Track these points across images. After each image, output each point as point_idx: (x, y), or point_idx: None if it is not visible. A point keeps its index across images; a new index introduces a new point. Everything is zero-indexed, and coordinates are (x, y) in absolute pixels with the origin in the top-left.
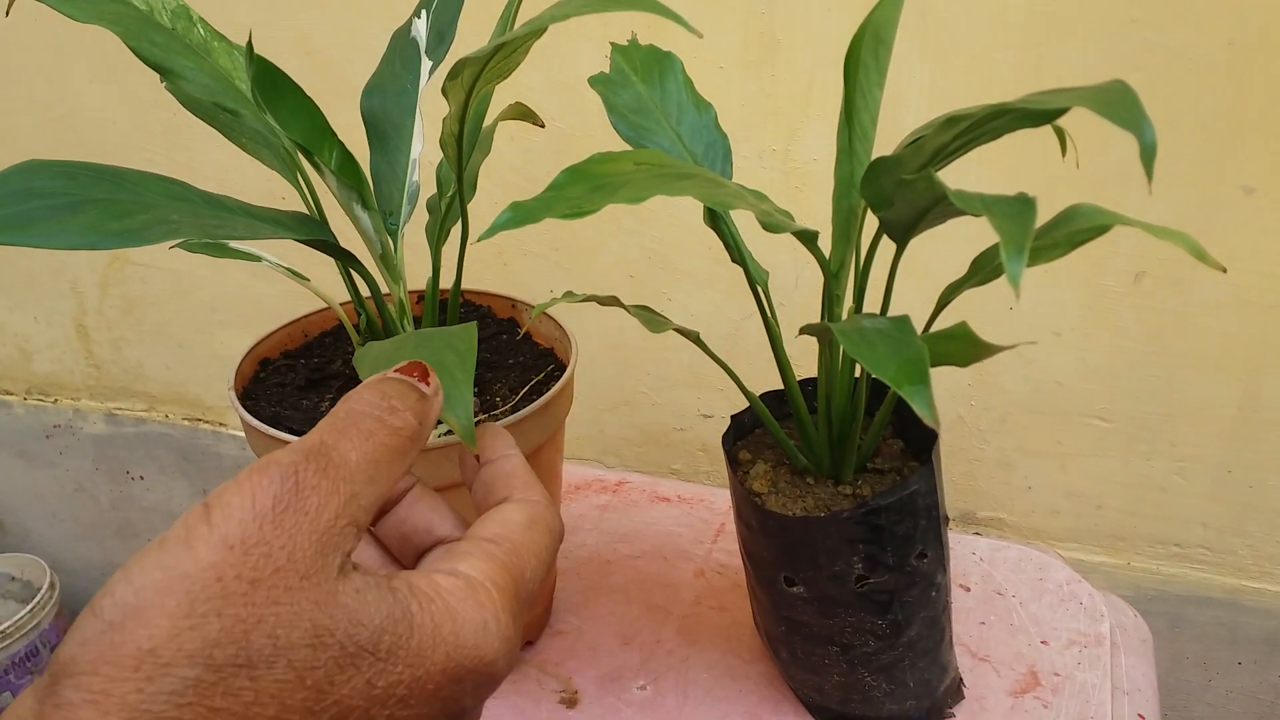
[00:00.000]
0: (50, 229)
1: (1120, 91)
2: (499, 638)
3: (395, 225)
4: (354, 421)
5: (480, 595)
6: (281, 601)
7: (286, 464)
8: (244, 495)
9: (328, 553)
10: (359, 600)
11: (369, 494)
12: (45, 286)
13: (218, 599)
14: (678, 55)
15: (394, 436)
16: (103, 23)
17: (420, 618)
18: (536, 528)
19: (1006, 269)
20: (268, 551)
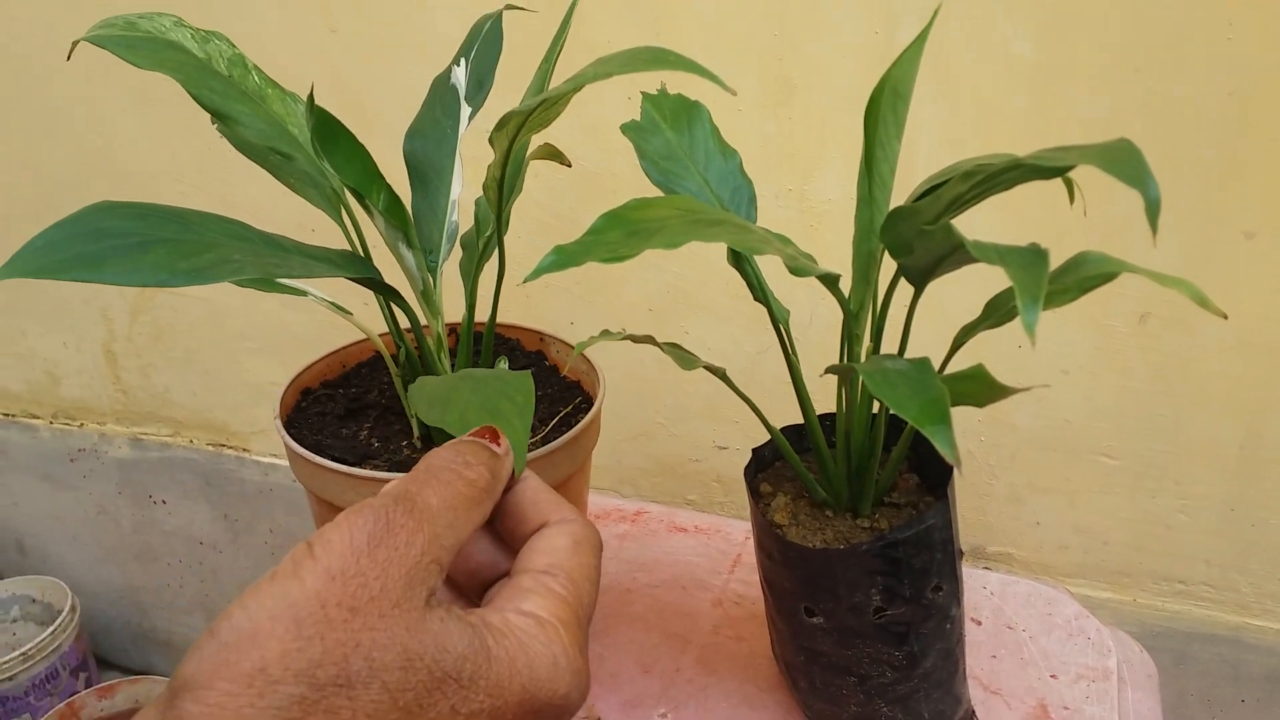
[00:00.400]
0: (122, 267)
1: (1126, 150)
2: (569, 671)
3: (435, 262)
4: (434, 473)
5: (549, 632)
6: (376, 627)
7: (378, 506)
8: (343, 532)
9: (415, 585)
10: (444, 629)
11: (449, 536)
12: (76, 313)
13: (321, 623)
14: (703, 102)
15: (469, 487)
16: (164, 70)
17: (496, 651)
18: (582, 549)
19: (1022, 317)
20: (364, 582)
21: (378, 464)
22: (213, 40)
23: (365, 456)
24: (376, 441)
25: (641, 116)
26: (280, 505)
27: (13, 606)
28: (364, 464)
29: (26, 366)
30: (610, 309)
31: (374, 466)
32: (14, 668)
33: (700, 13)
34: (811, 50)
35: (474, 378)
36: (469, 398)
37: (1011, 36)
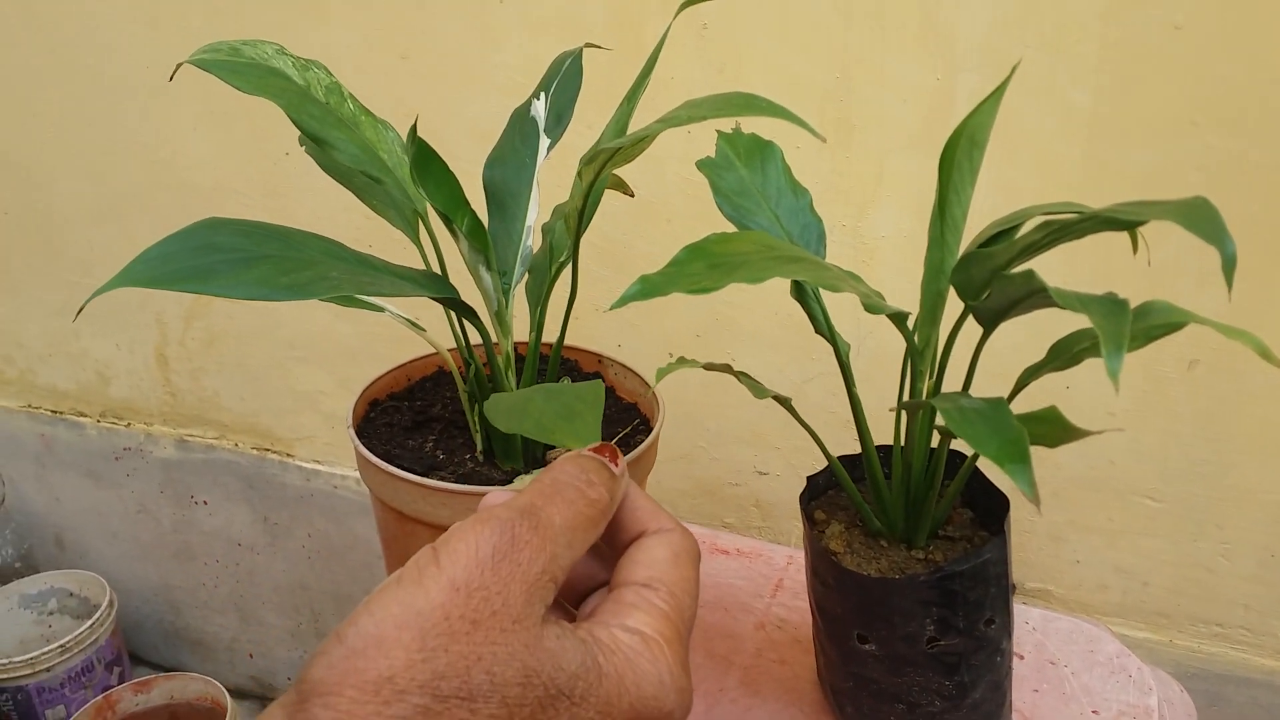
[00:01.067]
0: (229, 281)
1: (1204, 208)
2: (674, 689)
3: (509, 284)
4: (559, 489)
5: (654, 650)
6: (498, 642)
7: (505, 519)
8: (468, 542)
9: (534, 602)
10: (559, 646)
11: (566, 555)
12: (130, 317)
13: (445, 635)
14: (775, 141)
15: (590, 507)
16: (268, 95)
17: (606, 668)
18: (681, 561)
19: (1107, 364)
20: (487, 596)
21: (443, 475)
22: (312, 69)
23: (431, 468)
24: (442, 454)
25: (716, 154)
26: (319, 510)
27: (50, 599)
28: (430, 474)
29: (77, 366)
30: (658, 333)
31: (439, 478)
32: (51, 659)
33: (766, 54)
34: (872, 94)
35: (546, 389)
36: (543, 406)
37: (1070, 86)
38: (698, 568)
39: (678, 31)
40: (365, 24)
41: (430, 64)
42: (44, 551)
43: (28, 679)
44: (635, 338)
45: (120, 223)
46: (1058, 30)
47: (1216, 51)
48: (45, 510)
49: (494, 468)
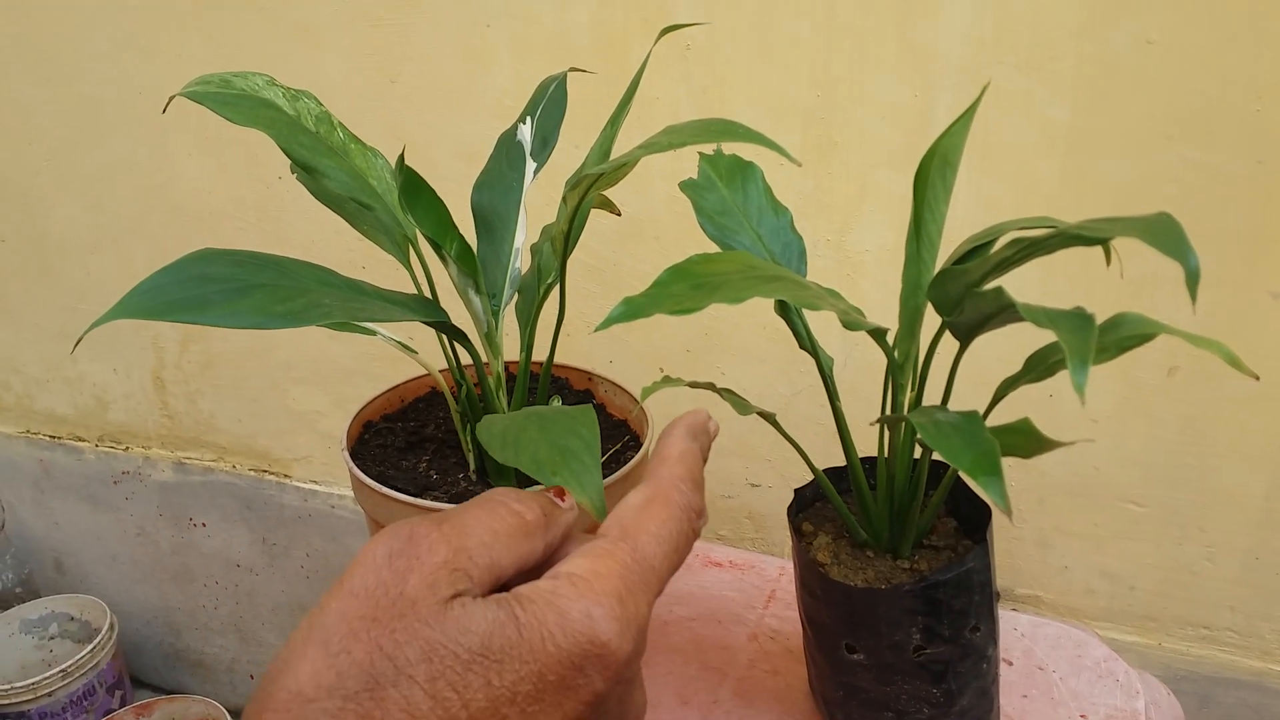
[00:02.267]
0: (223, 310)
1: (1167, 223)
2: (606, 619)
3: (498, 306)
4: (481, 501)
5: (580, 586)
6: (396, 629)
7: (404, 522)
8: (366, 551)
9: (437, 586)
10: (465, 613)
11: (482, 554)
12: (127, 340)
13: (346, 638)
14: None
15: (514, 516)
16: (258, 126)
17: (525, 618)
18: (653, 505)
19: (1072, 378)
20: (384, 591)
21: (437, 495)
22: (302, 98)
23: (425, 488)
24: (435, 474)
25: (699, 175)
26: (317, 531)
27: (51, 624)
28: (424, 495)
29: (75, 391)
30: (648, 349)
31: (433, 497)
32: (53, 684)
33: (749, 74)
34: (853, 111)
35: (540, 415)
36: (537, 437)
37: (1047, 102)
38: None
39: (662, 53)
40: (355, 49)
41: (419, 88)
42: (44, 576)
43: (29, 704)
44: (627, 354)
45: (117, 248)
46: (1034, 48)
47: (1189, 65)
48: (45, 535)
49: (487, 486)
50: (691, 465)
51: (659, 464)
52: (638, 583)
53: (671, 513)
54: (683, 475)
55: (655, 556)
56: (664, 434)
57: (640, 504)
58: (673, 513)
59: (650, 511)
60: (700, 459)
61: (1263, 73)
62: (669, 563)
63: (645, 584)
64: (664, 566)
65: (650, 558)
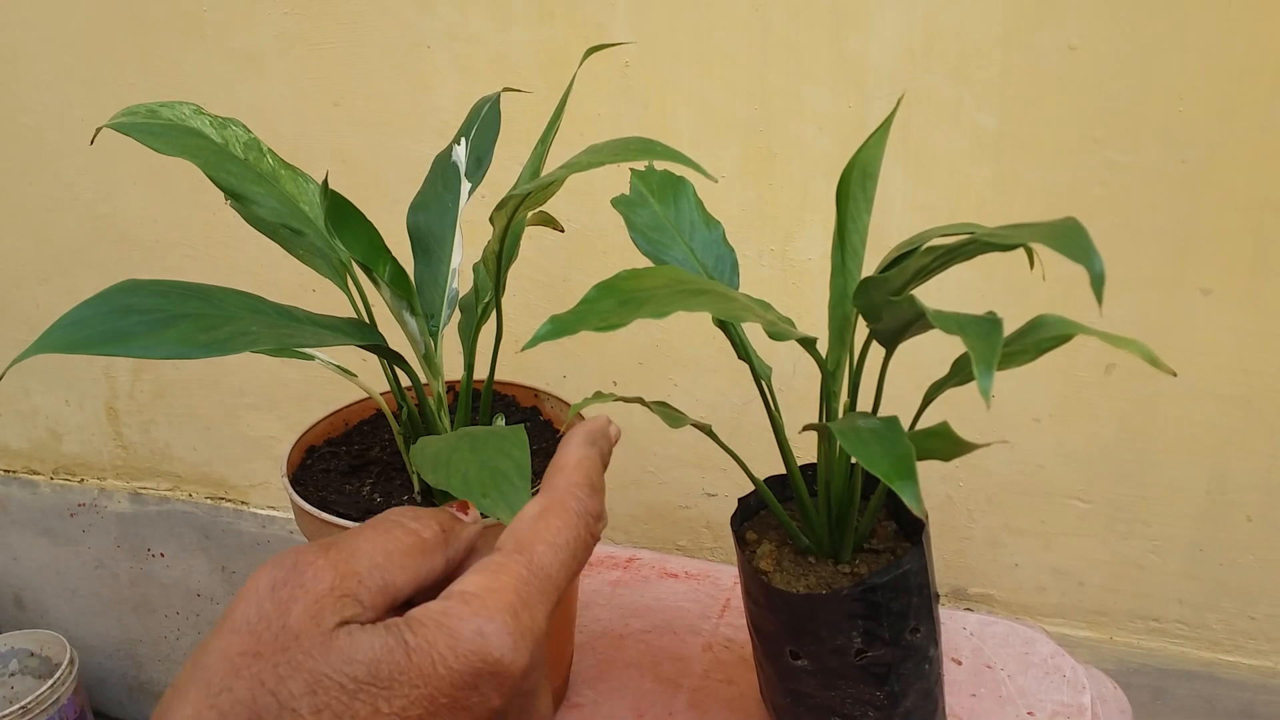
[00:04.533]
0: (147, 341)
1: (1072, 228)
2: (498, 635)
3: (436, 326)
4: (376, 522)
5: (473, 605)
6: (279, 662)
7: (289, 551)
8: (250, 584)
9: (322, 616)
10: (350, 642)
11: (374, 576)
12: (79, 371)
13: (229, 675)
14: (688, 177)
15: (410, 535)
16: (185, 155)
17: (415, 642)
18: (549, 514)
19: (978, 383)
20: (267, 624)
21: None
22: (230, 126)
23: (368, 511)
24: (379, 497)
25: (630, 191)
26: None
27: (11, 661)
28: (366, 519)
29: (28, 424)
30: (601, 363)
31: None
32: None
33: (688, 90)
34: (790, 123)
35: (472, 436)
36: (468, 457)
37: (976, 110)
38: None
39: (601, 70)
40: (297, 74)
41: (363, 110)
42: (4, 612)
43: None
44: (579, 368)
45: (65, 279)
46: (961, 57)
47: (1112, 70)
48: (3, 570)
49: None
50: (589, 470)
51: (555, 472)
52: (534, 594)
53: (567, 520)
54: (579, 482)
55: (552, 565)
56: (562, 442)
57: (536, 514)
58: (569, 520)
59: (546, 521)
60: (599, 463)
61: (1183, 74)
62: (566, 570)
63: (542, 594)
64: (561, 574)
65: (546, 567)
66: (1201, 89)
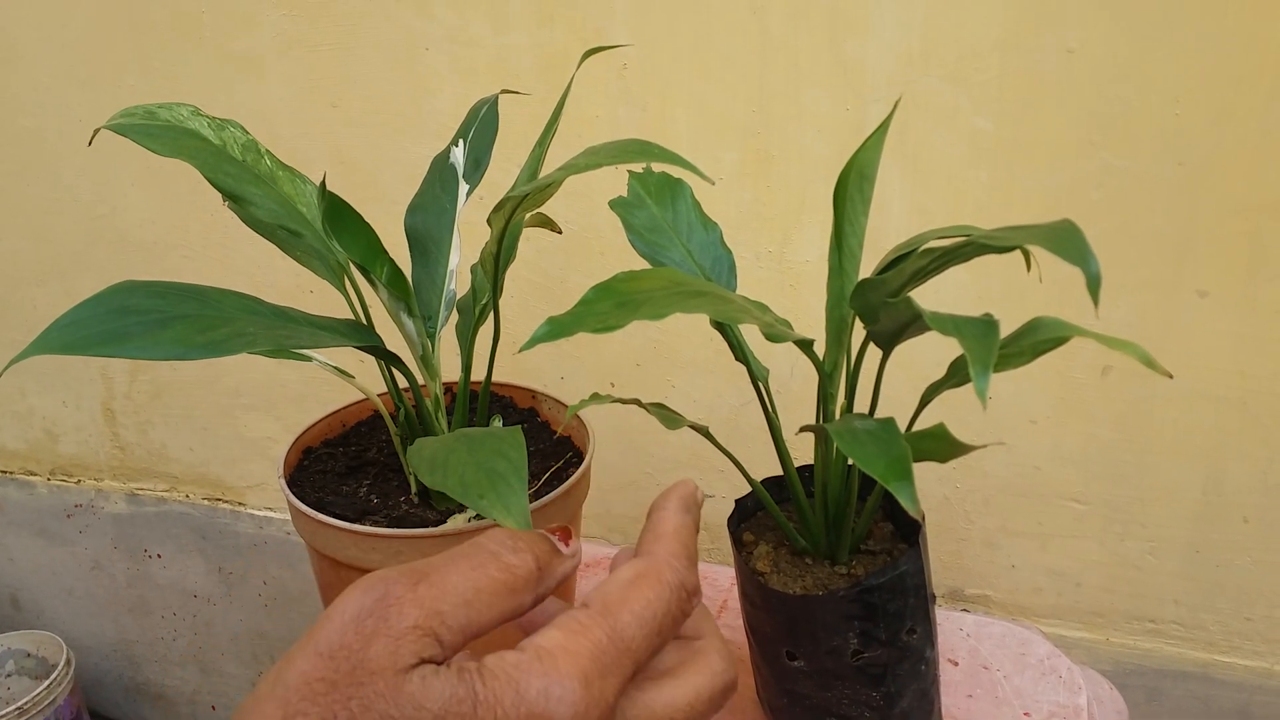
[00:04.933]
0: (144, 342)
1: (1068, 230)
2: (563, 702)
3: (434, 328)
4: (469, 553)
5: (546, 664)
6: (353, 696)
7: (381, 577)
8: (339, 607)
9: (400, 654)
10: (423, 687)
11: (459, 615)
12: (76, 372)
13: (306, 700)
14: (686, 179)
15: (504, 572)
16: (183, 157)
17: (484, 694)
18: (643, 582)
19: (974, 384)
20: (347, 655)
21: (377, 520)
22: (228, 128)
23: (365, 513)
24: (376, 498)
25: (628, 193)
26: (274, 558)
27: (7, 661)
28: (364, 520)
29: (25, 425)
30: (599, 364)
31: (373, 522)
32: None
33: (686, 92)
34: (789, 126)
35: (469, 438)
36: (465, 459)
37: (974, 113)
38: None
39: (599, 73)
40: (296, 76)
41: (362, 112)
42: (0, 613)
43: None
44: (577, 370)
45: (63, 281)
46: (959, 60)
47: (1109, 73)
48: (0, 571)
49: (429, 509)
50: (687, 540)
51: (653, 540)
52: (610, 664)
53: (660, 592)
54: (677, 552)
55: (635, 638)
56: (656, 507)
57: (629, 579)
58: (661, 592)
59: (638, 588)
60: (694, 532)
61: (1181, 78)
62: (649, 644)
63: (619, 665)
64: (643, 647)
65: (629, 639)
66: (1199, 93)
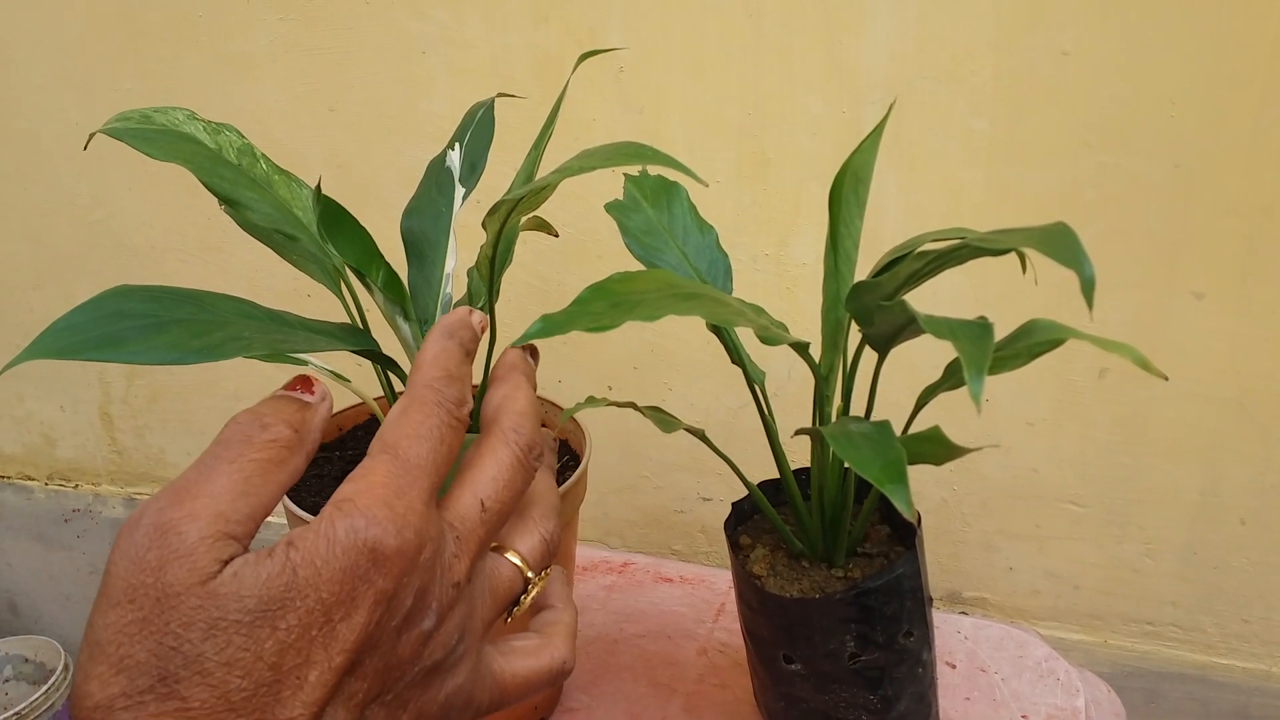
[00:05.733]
0: (139, 347)
1: (1062, 233)
2: (370, 526)
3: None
4: (220, 451)
5: (345, 508)
6: (170, 620)
7: (140, 512)
8: (115, 557)
9: (198, 567)
10: (236, 582)
11: (240, 506)
12: (73, 376)
13: (124, 645)
14: (681, 182)
15: (264, 450)
16: (178, 161)
17: (297, 558)
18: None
19: (969, 388)
20: (146, 591)
21: None
22: (224, 132)
23: None
24: None
25: (624, 196)
26: None
27: (5, 667)
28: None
29: (23, 429)
30: (596, 367)
31: None
32: None
33: (682, 95)
34: (784, 128)
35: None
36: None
37: (969, 114)
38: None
39: (595, 76)
40: (292, 79)
41: (359, 115)
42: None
43: None
44: (575, 373)
45: (59, 285)
46: (954, 61)
47: (1104, 74)
48: None
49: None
50: (445, 362)
51: (414, 371)
52: (404, 484)
53: (428, 411)
54: (436, 375)
55: (419, 455)
56: (423, 341)
57: (397, 414)
58: (429, 410)
59: (407, 417)
60: (458, 352)
61: (1175, 80)
62: (435, 456)
63: (414, 482)
64: (429, 461)
65: (414, 458)
66: (1194, 94)
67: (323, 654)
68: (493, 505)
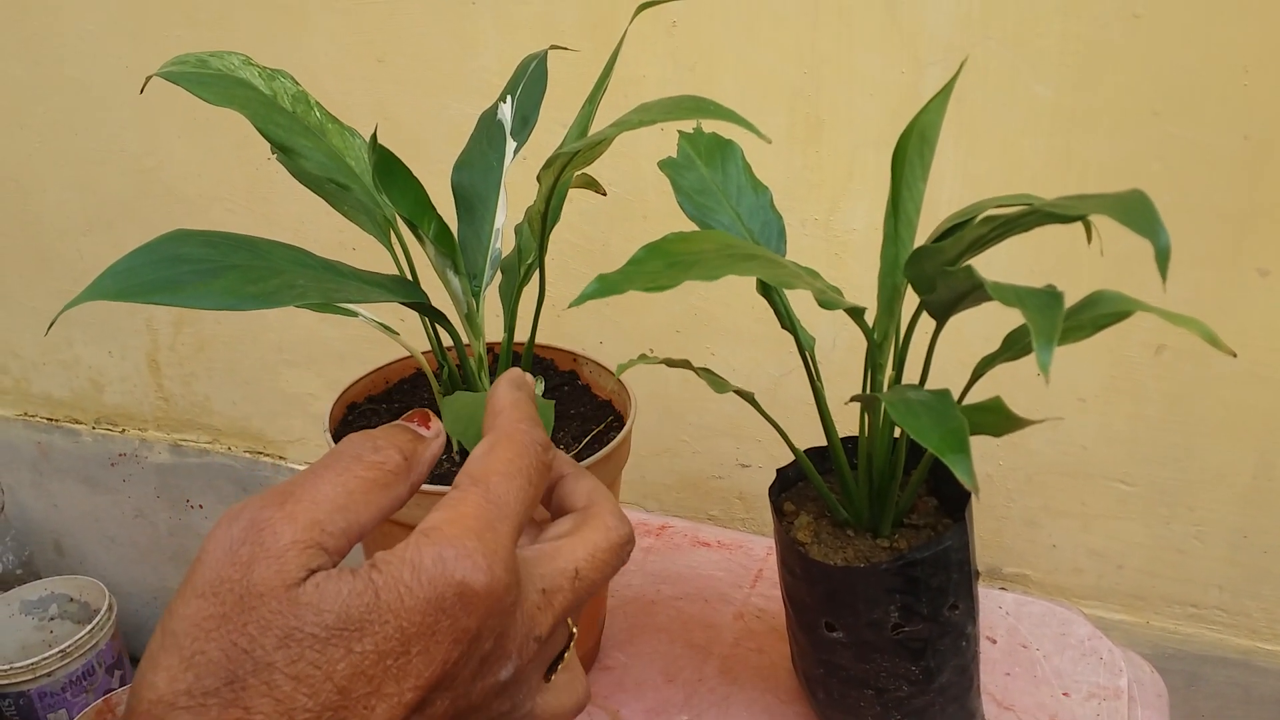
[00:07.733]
0: (196, 291)
1: (1138, 200)
2: (459, 559)
3: (479, 287)
4: (330, 463)
5: (433, 536)
6: (249, 622)
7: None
8: (208, 546)
9: (286, 571)
10: (318, 594)
11: (337, 520)
12: (121, 323)
13: (200, 640)
14: (737, 140)
15: (371, 470)
16: (234, 106)
17: (381, 581)
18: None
19: (1037, 357)
20: (231, 587)
21: None
22: (278, 78)
23: None
24: None
25: (678, 153)
26: None
27: (51, 605)
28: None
29: (71, 374)
30: (638, 330)
31: None
32: (52, 664)
33: (735, 53)
34: (840, 90)
35: None
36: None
37: (1032, 79)
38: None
39: (648, 31)
40: (342, 30)
41: (407, 68)
42: (44, 558)
43: (29, 684)
44: (617, 334)
45: (109, 231)
46: (1019, 24)
47: (1175, 40)
48: (44, 517)
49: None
50: (525, 407)
51: (494, 415)
52: (494, 519)
53: (517, 450)
54: (519, 417)
55: (508, 493)
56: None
57: (485, 450)
58: (518, 450)
59: (496, 454)
60: (530, 402)
61: (1250, 46)
62: (523, 495)
63: (502, 519)
64: (518, 500)
65: (502, 495)
66: (1269, 62)
67: (394, 686)
68: (586, 575)
